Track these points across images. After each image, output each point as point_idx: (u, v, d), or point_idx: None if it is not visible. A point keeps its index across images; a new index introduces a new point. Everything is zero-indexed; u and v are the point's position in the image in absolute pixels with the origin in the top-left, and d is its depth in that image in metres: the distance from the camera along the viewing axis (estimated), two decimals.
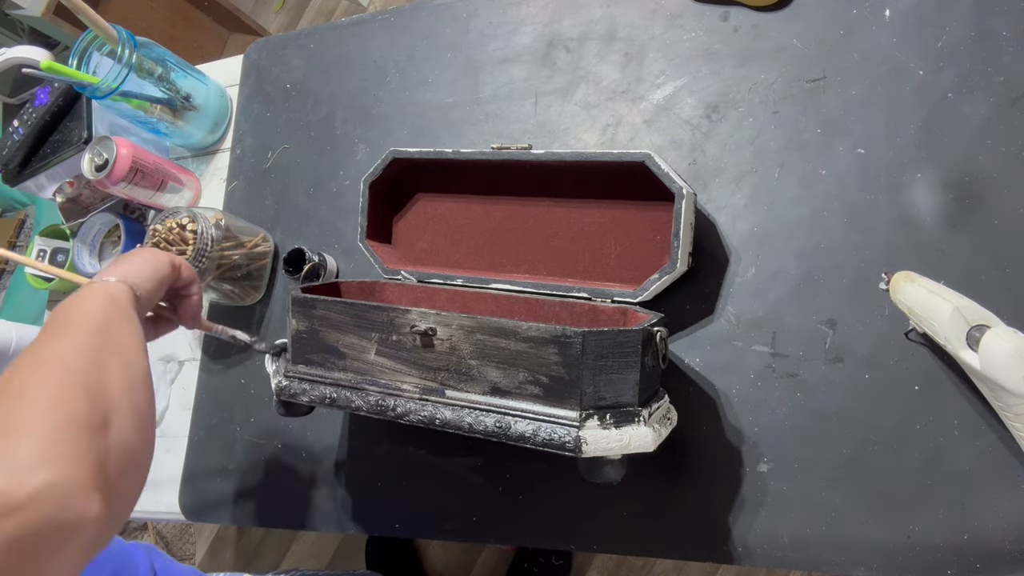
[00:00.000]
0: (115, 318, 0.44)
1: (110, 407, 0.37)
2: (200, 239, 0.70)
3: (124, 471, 0.36)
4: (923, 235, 0.54)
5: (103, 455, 0.35)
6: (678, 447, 0.58)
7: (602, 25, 0.70)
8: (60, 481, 0.32)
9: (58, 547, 0.31)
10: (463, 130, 0.74)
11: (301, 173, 0.82)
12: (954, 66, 0.56)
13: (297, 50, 0.87)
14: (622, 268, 0.61)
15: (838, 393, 0.54)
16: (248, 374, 0.78)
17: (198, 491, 0.77)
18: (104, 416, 0.36)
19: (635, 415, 0.46)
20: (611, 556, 1.27)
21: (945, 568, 0.49)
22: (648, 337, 0.47)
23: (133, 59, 0.74)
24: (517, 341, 0.46)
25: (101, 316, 0.43)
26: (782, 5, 0.63)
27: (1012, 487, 0.49)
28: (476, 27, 0.76)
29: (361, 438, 0.70)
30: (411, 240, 0.70)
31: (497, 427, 0.46)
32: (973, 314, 0.46)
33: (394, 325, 0.50)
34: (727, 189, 0.62)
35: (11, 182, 0.92)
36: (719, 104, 0.64)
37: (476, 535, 0.64)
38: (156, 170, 0.82)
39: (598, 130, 0.68)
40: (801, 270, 0.58)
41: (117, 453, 0.36)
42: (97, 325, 0.42)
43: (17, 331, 0.90)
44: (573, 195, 0.62)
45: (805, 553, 0.53)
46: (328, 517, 0.70)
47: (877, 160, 0.57)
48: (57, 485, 0.31)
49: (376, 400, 0.51)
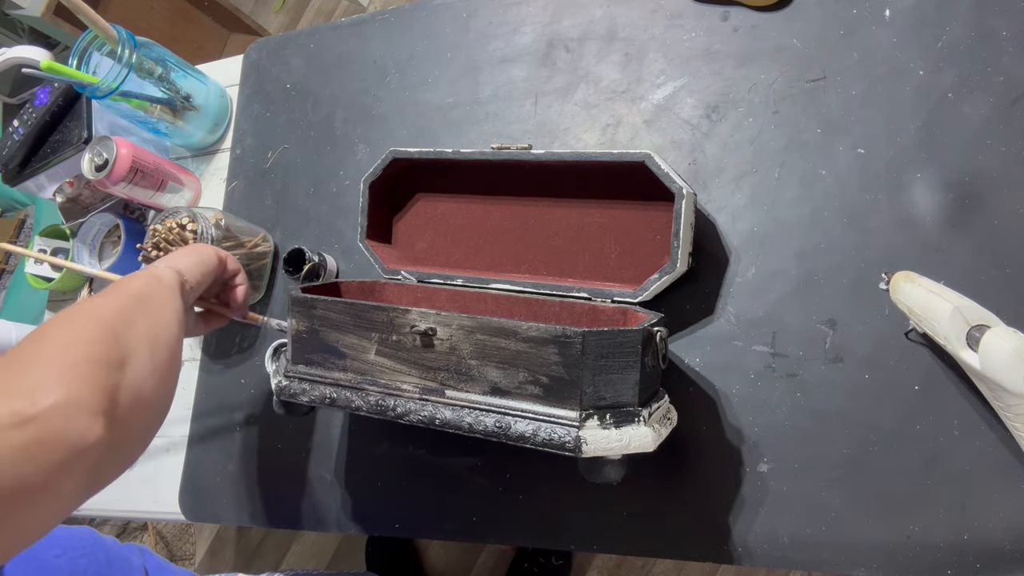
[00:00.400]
0: (156, 292, 0.47)
1: (128, 351, 0.40)
2: (200, 239, 0.70)
3: (134, 409, 0.39)
4: (923, 235, 0.54)
5: (114, 388, 0.37)
6: (678, 447, 0.58)
7: (602, 25, 0.70)
8: (68, 400, 0.35)
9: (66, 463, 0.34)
10: (463, 130, 0.74)
11: (301, 173, 0.82)
12: (954, 66, 0.56)
13: (297, 50, 0.87)
14: (622, 268, 0.61)
15: (838, 393, 0.54)
16: (248, 374, 0.78)
17: (198, 491, 0.77)
18: (121, 357, 0.39)
19: (635, 415, 0.46)
20: (611, 556, 1.27)
21: (945, 568, 0.49)
22: (648, 337, 0.47)
23: (133, 59, 0.74)
24: (517, 341, 0.46)
25: (142, 288, 0.46)
26: (782, 5, 0.63)
27: (1012, 487, 0.49)
28: (476, 27, 0.76)
29: (361, 438, 0.70)
30: (411, 240, 0.70)
31: (497, 427, 0.46)
32: (973, 314, 0.46)
33: (394, 325, 0.50)
34: (727, 189, 0.62)
35: (11, 182, 0.92)
36: (719, 104, 0.64)
37: (476, 535, 0.64)
38: (156, 170, 0.82)
39: (598, 130, 0.68)
40: (801, 270, 0.58)
41: (129, 391, 0.39)
42: (136, 293, 0.45)
43: (17, 331, 0.90)
44: (573, 195, 0.62)
45: (805, 553, 0.53)
46: (328, 517, 0.70)
47: (877, 160, 0.57)
48: (65, 403, 0.34)
49: (376, 400, 0.51)
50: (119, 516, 0.96)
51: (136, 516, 0.82)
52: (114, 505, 0.82)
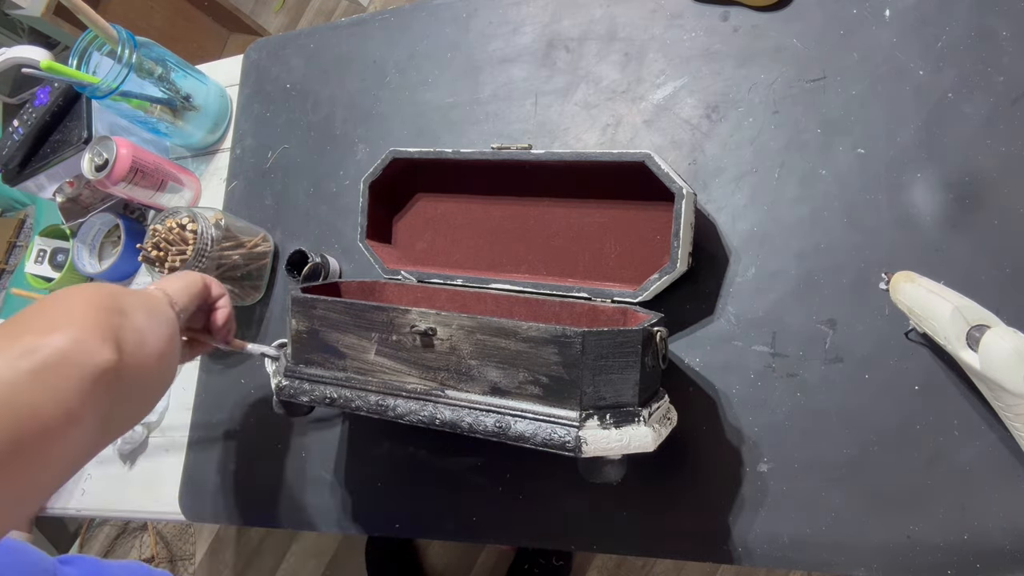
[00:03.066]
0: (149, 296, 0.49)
1: (127, 306, 0.42)
2: (200, 239, 0.70)
3: (138, 349, 0.41)
4: (923, 235, 0.54)
5: (117, 327, 0.39)
6: (678, 447, 0.58)
7: (602, 25, 0.70)
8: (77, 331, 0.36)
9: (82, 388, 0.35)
10: (463, 130, 0.74)
11: (301, 173, 0.82)
12: (954, 66, 0.56)
13: (297, 50, 0.87)
14: (622, 268, 0.61)
15: (838, 393, 0.54)
16: (248, 374, 0.78)
17: (198, 491, 0.77)
18: (121, 308, 0.41)
19: (635, 415, 0.46)
20: (611, 556, 1.27)
21: (945, 568, 0.49)
22: (648, 337, 0.47)
23: (133, 59, 0.74)
24: (517, 341, 0.46)
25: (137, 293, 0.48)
26: (782, 5, 0.63)
27: (1012, 487, 0.49)
28: (476, 27, 0.76)
29: (361, 438, 0.70)
30: (411, 240, 0.70)
31: (497, 427, 0.46)
32: (973, 314, 0.46)
33: (394, 325, 0.50)
34: (727, 189, 0.62)
35: (11, 182, 0.92)
36: (719, 104, 0.64)
37: (476, 535, 0.64)
38: (156, 170, 0.82)
39: (598, 130, 0.68)
40: (801, 270, 0.58)
41: (132, 332, 0.41)
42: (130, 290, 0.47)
43: None
44: (573, 195, 0.62)
45: (805, 553, 0.53)
46: (328, 517, 0.70)
47: (877, 160, 0.57)
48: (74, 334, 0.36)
49: (376, 400, 0.51)
50: (119, 516, 0.97)
51: (136, 516, 0.82)
52: (114, 505, 0.82)
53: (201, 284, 0.56)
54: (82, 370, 0.35)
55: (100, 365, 0.36)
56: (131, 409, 0.42)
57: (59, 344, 0.35)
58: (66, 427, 0.34)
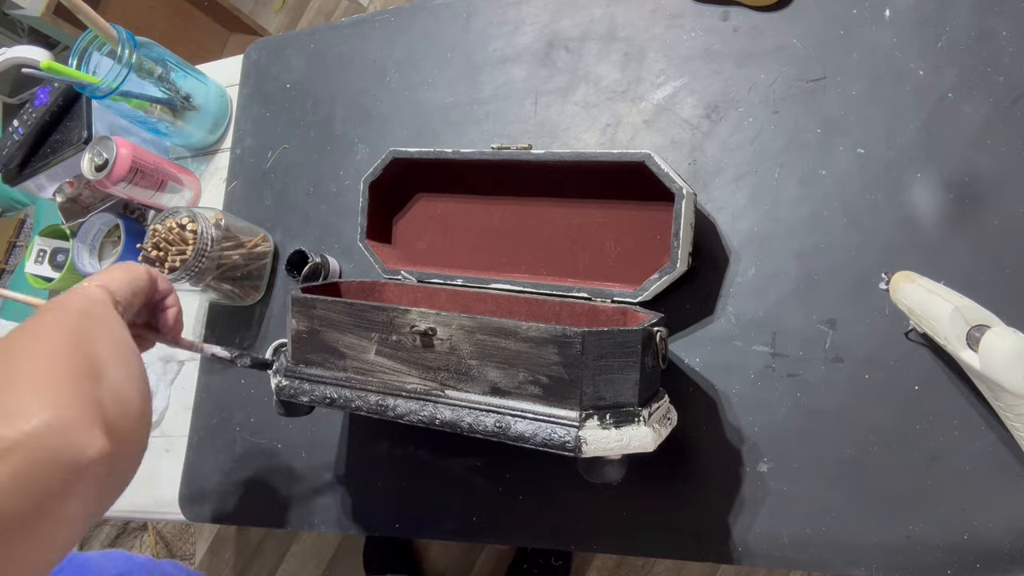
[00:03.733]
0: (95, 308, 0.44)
1: (100, 361, 0.37)
2: (200, 239, 0.70)
3: (123, 416, 0.36)
4: (923, 235, 0.54)
5: (99, 400, 0.35)
6: (678, 447, 0.58)
7: (602, 25, 0.70)
8: (58, 419, 0.31)
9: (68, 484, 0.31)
10: (463, 130, 0.74)
11: (301, 173, 0.82)
12: (954, 66, 0.56)
13: (297, 50, 0.87)
14: (622, 268, 0.61)
15: (838, 393, 0.54)
16: (248, 374, 0.78)
17: (198, 491, 0.77)
18: (96, 369, 0.36)
19: (635, 415, 0.46)
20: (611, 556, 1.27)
21: (945, 568, 0.49)
22: (648, 337, 0.47)
23: (133, 59, 0.74)
24: (517, 341, 0.46)
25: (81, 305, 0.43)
26: (782, 5, 0.63)
27: (1012, 487, 0.49)
28: (476, 27, 0.76)
29: (361, 438, 0.70)
30: (411, 240, 0.70)
31: (497, 427, 0.46)
32: (973, 314, 0.46)
33: (394, 325, 0.50)
34: (727, 189, 0.62)
35: (11, 182, 0.92)
36: (719, 104, 0.64)
37: (476, 535, 0.64)
38: (156, 170, 0.82)
39: (598, 130, 0.68)
40: (801, 270, 0.58)
41: (113, 399, 0.36)
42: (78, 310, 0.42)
43: None
44: (573, 195, 0.62)
45: (805, 553, 0.53)
46: (328, 517, 0.70)
47: (877, 160, 0.57)
48: (56, 422, 0.31)
49: (376, 400, 0.51)
50: (119, 516, 0.97)
51: (136, 516, 0.82)
52: (114, 505, 0.82)
53: (146, 279, 0.51)
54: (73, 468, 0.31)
55: (92, 456, 0.32)
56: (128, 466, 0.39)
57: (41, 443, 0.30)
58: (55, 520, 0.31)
